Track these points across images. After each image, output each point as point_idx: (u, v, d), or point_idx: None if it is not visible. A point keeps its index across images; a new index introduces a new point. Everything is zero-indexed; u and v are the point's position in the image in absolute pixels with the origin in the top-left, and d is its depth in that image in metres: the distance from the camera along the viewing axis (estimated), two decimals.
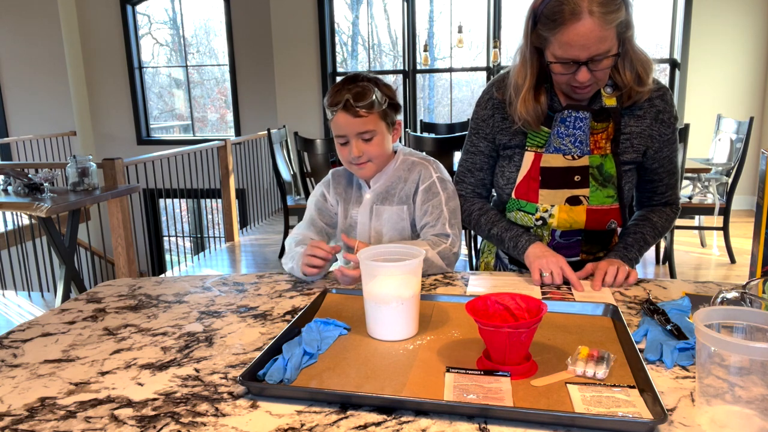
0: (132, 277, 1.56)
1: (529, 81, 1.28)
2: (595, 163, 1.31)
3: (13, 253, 4.97)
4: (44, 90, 6.96)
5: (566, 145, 1.31)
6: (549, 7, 1.16)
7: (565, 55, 1.17)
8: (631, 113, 1.31)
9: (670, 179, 1.39)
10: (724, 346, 0.68)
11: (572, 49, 1.16)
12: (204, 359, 0.93)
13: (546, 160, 1.33)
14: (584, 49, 1.15)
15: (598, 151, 1.31)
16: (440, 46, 6.72)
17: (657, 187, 1.40)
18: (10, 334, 1.07)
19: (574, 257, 1.40)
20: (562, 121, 1.31)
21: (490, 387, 0.79)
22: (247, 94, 6.97)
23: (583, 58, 1.16)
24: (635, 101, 1.29)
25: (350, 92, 1.32)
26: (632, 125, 1.31)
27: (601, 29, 1.13)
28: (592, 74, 1.19)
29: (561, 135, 1.31)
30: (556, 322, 1.00)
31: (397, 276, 0.96)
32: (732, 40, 5.22)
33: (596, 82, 1.23)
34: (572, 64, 1.18)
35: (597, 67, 1.18)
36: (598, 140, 1.30)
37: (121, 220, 3.76)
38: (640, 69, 1.25)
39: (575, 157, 1.31)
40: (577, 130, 1.30)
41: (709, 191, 3.83)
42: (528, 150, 1.35)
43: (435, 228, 1.38)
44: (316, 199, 1.51)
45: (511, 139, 1.38)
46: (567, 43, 1.15)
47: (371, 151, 1.37)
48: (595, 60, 1.17)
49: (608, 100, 1.29)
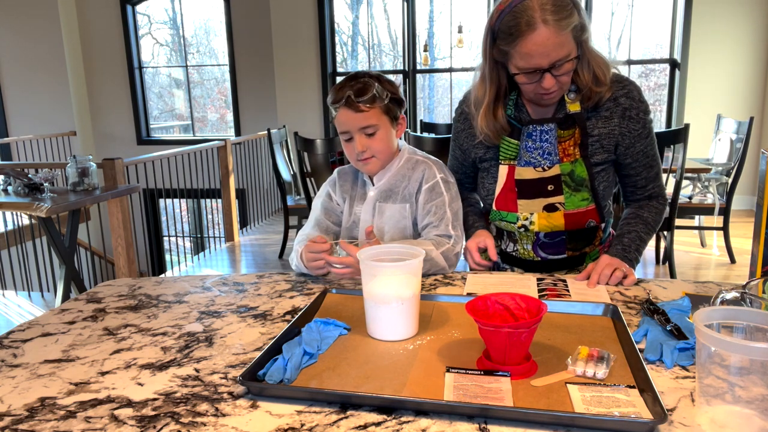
0: (132, 277, 1.56)
1: (488, 96, 1.34)
2: (566, 170, 1.35)
3: (13, 253, 4.97)
4: (44, 90, 6.96)
5: (535, 158, 1.36)
6: (504, 23, 1.21)
7: (527, 65, 1.22)
8: (597, 114, 1.34)
9: (649, 172, 1.40)
10: (724, 346, 0.68)
11: (533, 59, 1.20)
12: (204, 359, 0.93)
13: (519, 173, 1.38)
14: (544, 56, 1.20)
15: (568, 158, 1.34)
16: (440, 46, 6.72)
17: (636, 182, 1.41)
18: (10, 334, 1.07)
19: (561, 254, 1.44)
20: (529, 135, 1.36)
21: (490, 387, 0.79)
22: (247, 94, 6.97)
23: (545, 65, 1.21)
24: (597, 101, 1.32)
25: (352, 88, 1.34)
26: (600, 127, 1.34)
27: (557, 36, 1.18)
28: (556, 80, 1.23)
29: (529, 149, 1.36)
30: (556, 322, 1.00)
31: (397, 276, 0.96)
32: (732, 40, 5.22)
33: (561, 87, 1.27)
34: (536, 72, 1.22)
35: (560, 72, 1.22)
36: (566, 147, 1.34)
37: (121, 220, 3.76)
38: (597, 70, 1.28)
39: (545, 168, 1.36)
40: (544, 143, 1.35)
41: (709, 191, 3.83)
42: (502, 163, 1.40)
43: (438, 228, 1.38)
44: (322, 199, 1.52)
45: (486, 152, 1.44)
46: (527, 53, 1.20)
47: (375, 146, 1.38)
48: (556, 66, 1.21)
49: (572, 105, 1.32)
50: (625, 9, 5.82)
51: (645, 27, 5.79)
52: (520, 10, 1.18)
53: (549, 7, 1.17)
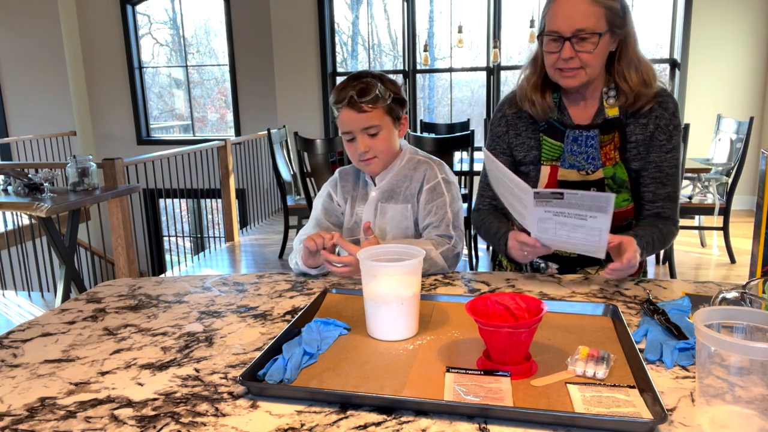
0: (132, 277, 1.56)
1: (538, 73, 1.36)
2: (608, 174, 1.35)
3: (13, 253, 4.97)
4: (44, 90, 6.96)
5: (580, 161, 1.36)
6: None
7: (552, 27, 1.24)
8: (636, 121, 1.34)
9: (658, 189, 1.35)
10: (724, 346, 0.68)
11: (557, 19, 1.23)
12: (204, 359, 0.93)
13: (562, 174, 1.38)
14: (568, 20, 1.22)
15: (609, 162, 1.35)
16: (440, 46, 6.71)
17: (644, 194, 1.38)
18: (10, 334, 1.07)
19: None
20: (574, 139, 1.36)
21: (490, 387, 0.79)
22: (247, 94, 6.97)
23: (567, 31, 1.22)
24: (641, 106, 1.32)
25: (354, 88, 1.33)
26: (637, 133, 1.34)
27: (588, 4, 1.21)
28: (577, 55, 1.24)
29: (574, 152, 1.36)
30: (556, 322, 1.00)
31: (397, 276, 0.96)
32: (732, 40, 5.22)
33: (583, 68, 1.26)
34: (558, 39, 1.24)
35: (582, 47, 1.23)
36: (608, 152, 1.35)
37: (121, 220, 3.76)
38: (645, 75, 1.29)
39: (589, 173, 1.36)
40: (588, 148, 1.36)
41: (709, 191, 3.83)
42: (544, 164, 1.39)
43: (438, 229, 1.38)
44: (323, 200, 1.52)
45: (526, 155, 1.42)
46: (554, 14, 1.24)
47: (377, 146, 1.37)
48: (579, 37, 1.22)
49: (610, 110, 1.33)
50: None
51: (645, 27, 5.79)
52: None
53: None
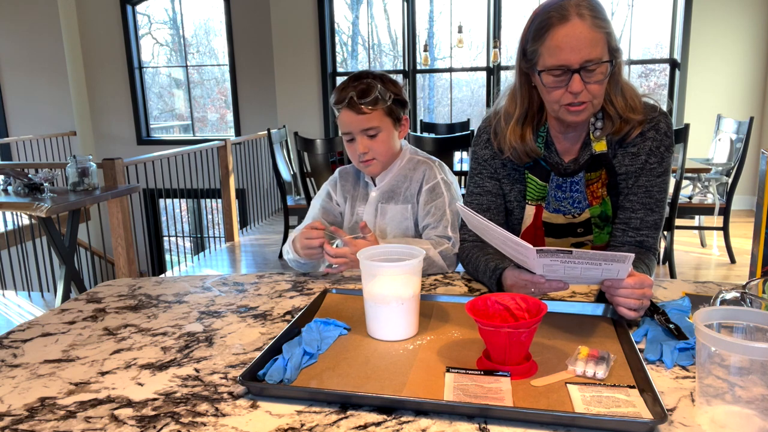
0: (132, 277, 1.56)
1: (519, 110, 1.24)
2: (595, 213, 1.29)
3: (13, 253, 4.97)
4: (44, 90, 6.96)
5: (565, 206, 1.30)
6: (536, 24, 1.13)
7: (556, 62, 1.11)
8: (625, 151, 1.25)
9: (647, 216, 1.25)
10: (724, 346, 0.68)
11: (563, 53, 1.10)
12: (204, 359, 0.93)
13: (548, 217, 1.32)
14: (575, 51, 1.10)
15: (596, 201, 1.28)
16: (440, 46, 6.72)
17: (630, 220, 1.26)
18: (10, 334, 1.07)
19: None
20: (558, 186, 1.30)
21: (490, 387, 0.79)
22: (247, 94, 6.97)
23: (575, 63, 1.10)
24: (629, 132, 1.22)
25: (354, 89, 1.33)
26: (627, 164, 1.25)
27: (591, 31, 1.09)
28: (585, 87, 1.12)
29: (559, 198, 1.30)
30: (556, 322, 1.00)
31: (397, 276, 0.96)
32: (732, 40, 5.22)
33: (591, 102, 1.15)
34: (565, 72, 1.12)
35: (590, 78, 1.12)
36: (594, 190, 1.28)
37: (121, 220, 3.76)
38: (630, 98, 1.20)
39: (575, 216, 1.31)
40: (574, 193, 1.29)
41: (709, 191, 3.83)
42: (529, 203, 1.32)
43: (437, 230, 1.38)
44: (322, 199, 1.52)
45: (511, 189, 1.34)
46: (557, 47, 1.10)
47: (377, 147, 1.37)
48: (587, 69, 1.11)
49: (597, 145, 1.24)
50: (625, 9, 5.82)
51: (645, 27, 5.79)
52: (553, 8, 1.11)
53: (585, 4, 1.10)
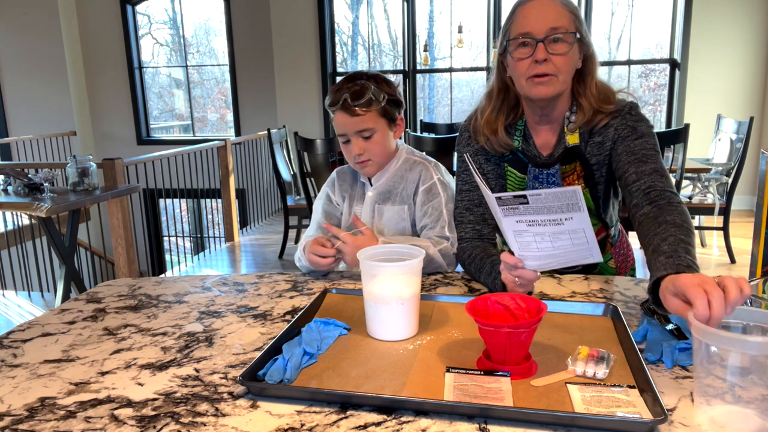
0: (132, 277, 1.56)
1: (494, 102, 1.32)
2: None
3: (13, 253, 4.97)
4: (44, 90, 6.96)
5: None
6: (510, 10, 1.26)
7: (522, 29, 1.21)
8: (591, 141, 1.29)
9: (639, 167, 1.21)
10: (721, 342, 0.68)
11: (528, 21, 1.20)
12: (204, 359, 0.93)
13: None
14: (540, 21, 1.19)
15: None
16: (440, 46, 6.71)
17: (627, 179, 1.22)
18: (10, 334, 1.07)
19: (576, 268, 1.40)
20: (535, 177, 1.33)
21: (490, 387, 0.79)
22: (247, 94, 6.97)
23: (540, 32, 1.19)
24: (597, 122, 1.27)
25: (348, 91, 1.33)
26: (596, 154, 1.30)
27: (558, 6, 1.20)
28: (550, 58, 1.19)
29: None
30: (556, 322, 1.00)
31: (397, 276, 0.96)
32: (732, 40, 5.22)
33: (556, 75, 1.21)
34: (530, 42, 1.20)
35: (555, 50, 1.20)
36: (571, 182, 1.32)
37: (121, 220, 3.76)
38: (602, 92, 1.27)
39: None
40: (551, 185, 1.32)
41: (709, 191, 3.83)
42: None
43: (434, 230, 1.38)
44: (322, 202, 1.53)
45: (495, 185, 1.38)
46: (524, 16, 1.21)
47: (372, 148, 1.37)
48: (552, 38, 1.19)
49: (571, 138, 1.29)
50: (625, 9, 5.82)
51: (645, 27, 5.79)
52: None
53: None
